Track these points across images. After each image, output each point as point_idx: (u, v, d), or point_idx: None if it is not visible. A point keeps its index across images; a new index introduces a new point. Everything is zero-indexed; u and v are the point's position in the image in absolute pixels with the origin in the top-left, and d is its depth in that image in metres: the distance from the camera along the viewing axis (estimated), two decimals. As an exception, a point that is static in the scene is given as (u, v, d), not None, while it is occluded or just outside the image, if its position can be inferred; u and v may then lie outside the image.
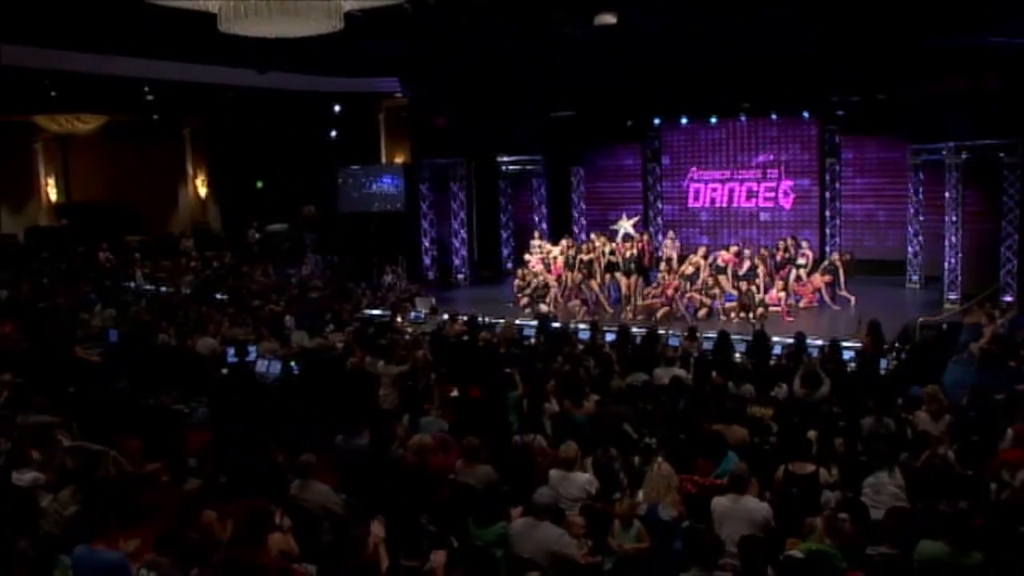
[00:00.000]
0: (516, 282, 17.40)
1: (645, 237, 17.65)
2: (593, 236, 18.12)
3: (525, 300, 16.65)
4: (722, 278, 15.86)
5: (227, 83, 18.29)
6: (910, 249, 17.95)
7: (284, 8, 8.77)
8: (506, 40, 15.50)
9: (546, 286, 16.69)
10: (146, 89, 19.24)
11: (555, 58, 16.76)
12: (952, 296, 16.32)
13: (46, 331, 13.85)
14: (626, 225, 16.28)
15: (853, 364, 11.60)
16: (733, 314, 15.23)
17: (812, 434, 7.95)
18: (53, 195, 26.58)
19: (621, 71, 17.61)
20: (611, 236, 17.70)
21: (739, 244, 17.34)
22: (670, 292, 15.66)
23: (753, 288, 15.44)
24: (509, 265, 22.38)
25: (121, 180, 27.15)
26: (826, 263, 16.77)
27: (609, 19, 13.11)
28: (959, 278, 16.40)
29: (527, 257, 18.03)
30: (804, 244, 17.03)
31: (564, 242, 17.80)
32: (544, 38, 15.10)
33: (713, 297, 15.64)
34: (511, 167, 22.25)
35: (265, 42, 10.28)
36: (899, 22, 13.92)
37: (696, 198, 21.33)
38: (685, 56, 16.32)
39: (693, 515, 6.77)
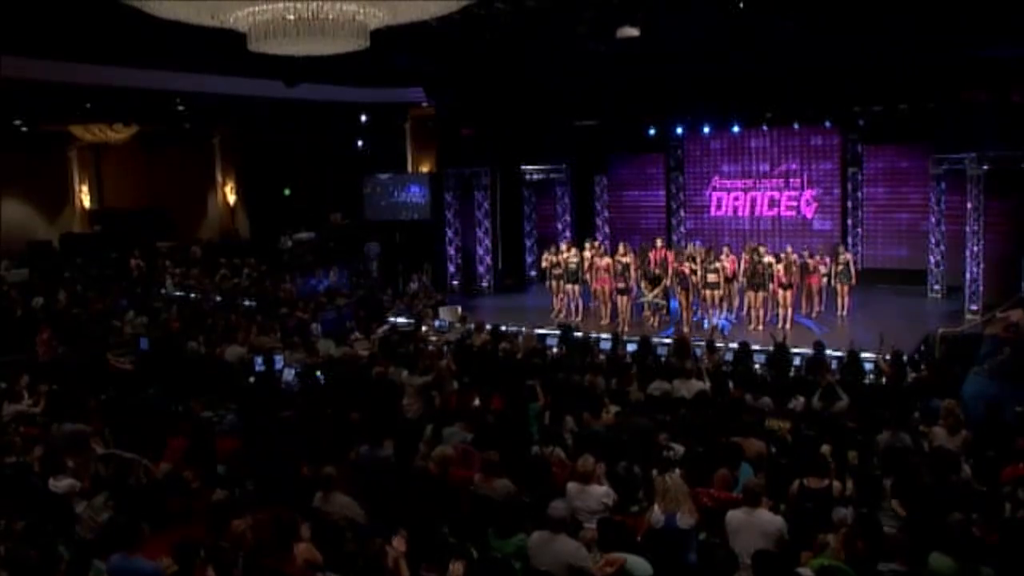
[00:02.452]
0: (547, 256, 17.82)
1: (659, 243, 17.56)
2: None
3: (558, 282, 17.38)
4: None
5: (256, 95, 18.61)
6: (931, 259, 17.88)
7: (311, 28, 8.98)
8: (530, 52, 15.70)
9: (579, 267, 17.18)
10: (177, 100, 19.63)
11: (579, 68, 16.92)
12: (973, 307, 16.25)
13: (80, 338, 14.16)
14: (649, 298, 16.45)
15: (871, 376, 11.66)
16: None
17: (826, 448, 8.03)
18: (87, 202, 27.10)
19: (644, 81, 17.74)
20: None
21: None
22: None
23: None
24: (533, 273, 22.57)
25: (153, 187, 27.61)
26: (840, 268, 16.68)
27: (632, 32, 13.23)
28: (981, 288, 16.34)
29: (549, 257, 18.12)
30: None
31: (589, 246, 18.00)
32: (568, 49, 15.27)
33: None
34: (535, 176, 22.39)
35: (293, 56, 10.51)
36: (922, 32, 13.99)
37: (719, 207, 21.41)
38: (708, 66, 16.42)
39: (709, 529, 6.89)
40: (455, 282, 21.64)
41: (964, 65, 15.49)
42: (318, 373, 11.81)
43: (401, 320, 16.79)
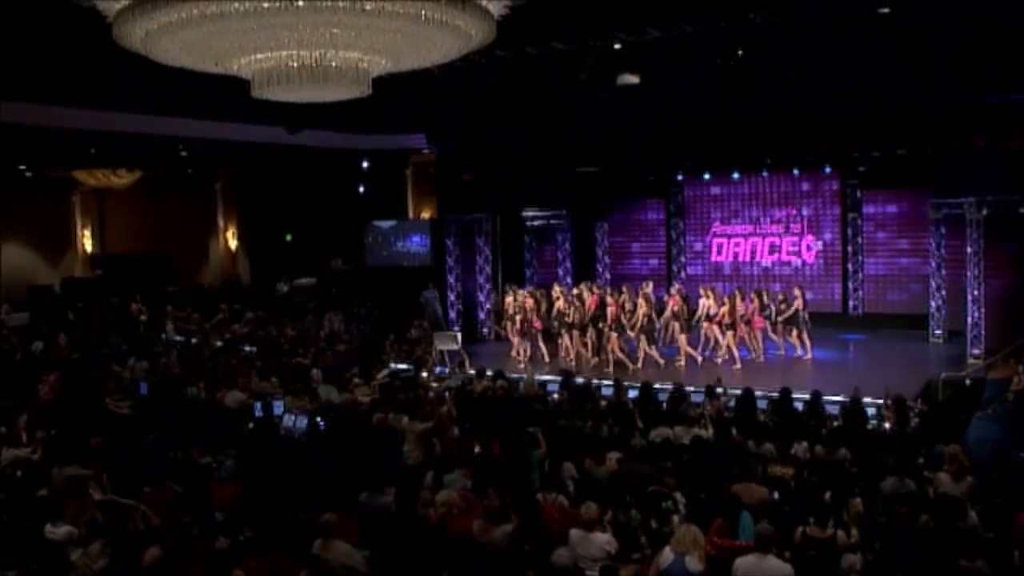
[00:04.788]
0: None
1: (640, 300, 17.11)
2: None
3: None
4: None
5: (258, 141, 18.76)
6: (933, 303, 17.86)
7: (314, 75, 9.06)
8: (531, 98, 15.83)
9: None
10: (180, 146, 19.79)
11: (579, 114, 17.07)
12: (975, 351, 16.18)
13: (80, 383, 14.10)
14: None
15: (874, 422, 11.59)
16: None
17: (830, 495, 7.95)
18: (89, 246, 27.17)
19: (644, 127, 17.88)
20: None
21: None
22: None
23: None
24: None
25: (155, 232, 27.71)
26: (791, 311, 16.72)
27: (632, 79, 13.36)
28: (982, 333, 16.29)
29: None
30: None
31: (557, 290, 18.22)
32: (569, 96, 15.41)
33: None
34: (536, 221, 22.44)
35: (296, 103, 10.59)
36: (920, 78, 14.12)
37: (719, 253, 21.47)
38: (707, 113, 16.56)
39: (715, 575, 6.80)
40: (456, 328, 21.55)
41: (963, 111, 15.58)
42: (319, 419, 11.73)
43: (402, 366, 16.74)
